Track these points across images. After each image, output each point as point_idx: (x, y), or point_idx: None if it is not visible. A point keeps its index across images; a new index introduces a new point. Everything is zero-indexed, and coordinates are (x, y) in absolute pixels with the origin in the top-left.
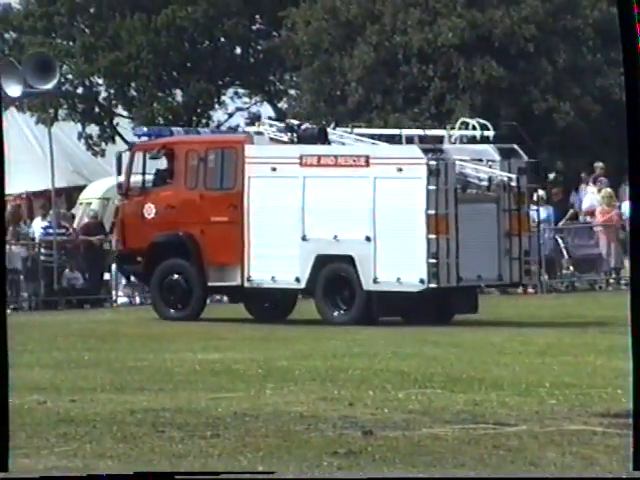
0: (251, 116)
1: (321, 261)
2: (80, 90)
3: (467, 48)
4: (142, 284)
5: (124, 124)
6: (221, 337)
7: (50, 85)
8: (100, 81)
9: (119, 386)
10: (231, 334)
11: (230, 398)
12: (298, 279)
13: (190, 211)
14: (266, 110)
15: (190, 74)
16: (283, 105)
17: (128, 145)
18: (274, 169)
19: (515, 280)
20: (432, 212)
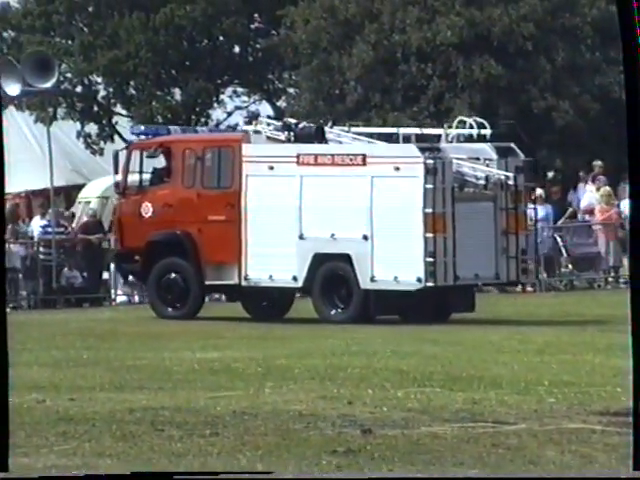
0: (250, 115)
1: (318, 260)
2: (79, 89)
3: (466, 47)
4: (140, 283)
5: (123, 123)
6: (220, 336)
7: (49, 84)
8: (99, 80)
9: (118, 385)
10: (230, 333)
11: (229, 397)
12: (295, 278)
13: (187, 210)
14: (265, 109)
15: (189, 73)
16: (282, 104)
17: (127, 144)
18: (271, 168)
19: (512, 279)
20: (429, 211)
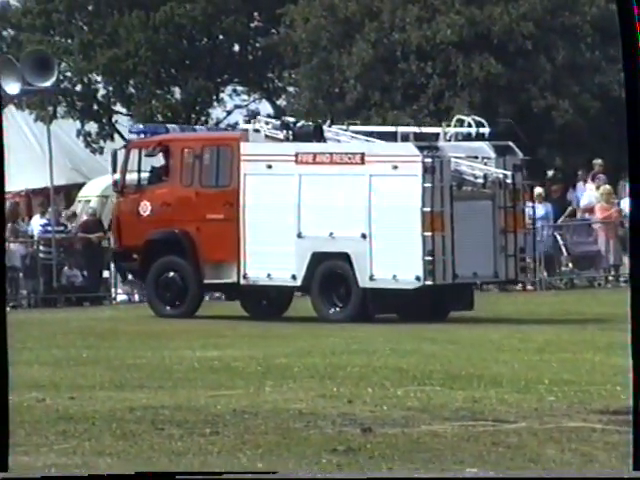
0: (250, 113)
1: (317, 258)
2: (79, 87)
3: (465, 45)
4: (138, 281)
5: (123, 121)
6: (220, 334)
7: (48, 83)
8: (99, 78)
9: (118, 384)
10: (230, 331)
11: (229, 395)
12: (294, 276)
13: (186, 208)
14: (265, 107)
15: (189, 71)
16: (282, 102)
17: (126, 142)
18: (270, 166)
19: (510, 277)
20: (428, 209)
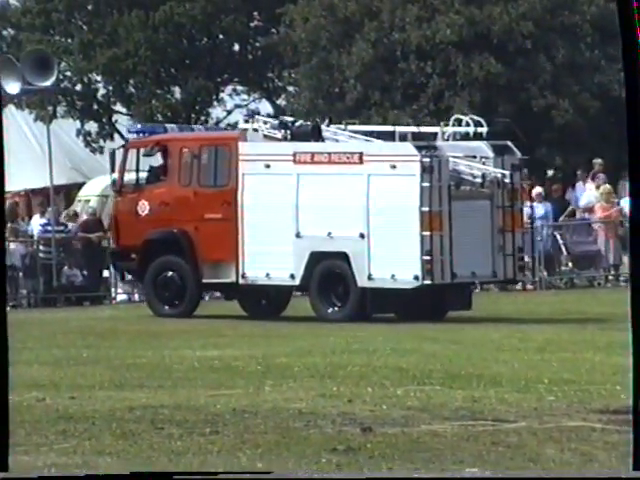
0: (250, 113)
1: (315, 258)
2: (78, 87)
3: (465, 45)
4: (137, 281)
5: (123, 121)
6: (220, 334)
7: (48, 82)
8: (98, 78)
9: (118, 383)
10: (230, 331)
11: (229, 395)
12: (292, 276)
13: (184, 208)
14: (265, 107)
15: (188, 71)
16: (282, 102)
17: (125, 142)
18: (268, 166)
19: (509, 276)
20: (426, 209)
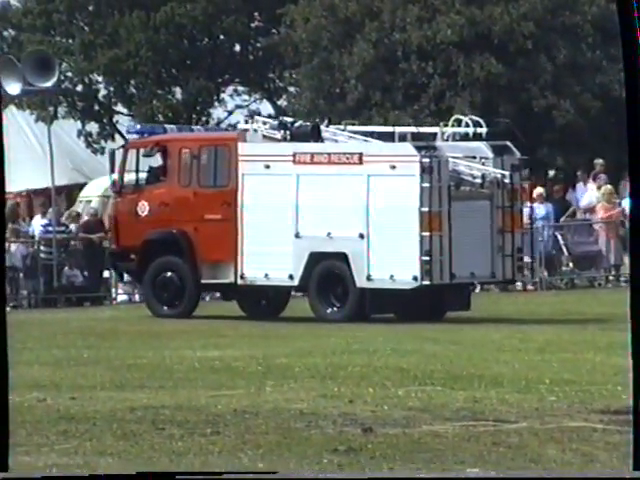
0: (251, 113)
1: (314, 258)
2: (79, 88)
3: (466, 45)
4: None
5: (124, 122)
6: (220, 334)
7: (49, 83)
8: (99, 79)
9: (119, 384)
10: (230, 331)
11: (230, 395)
12: (292, 276)
13: (183, 208)
14: (266, 107)
15: (189, 71)
16: (283, 102)
17: (126, 143)
18: (267, 166)
19: (508, 277)
20: (425, 209)
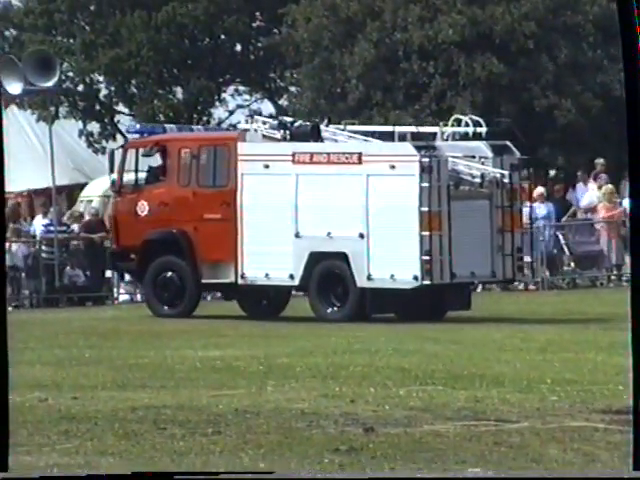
0: (252, 113)
1: (315, 258)
2: (81, 87)
3: (467, 45)
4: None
5: (125, 121)
6: (222, 334)
7: (51, 83)
8: (100, 78)
9: (120, 383)
10: (231, 331)
11: (231, 395)
12: (292, 276)
13: (183, 208)
14: (267, 107)
15: (190, 71)
16: (284, 102)
17: (124, 142)
18: (267, 166)
19: (508, 276)
20: (425, 209)
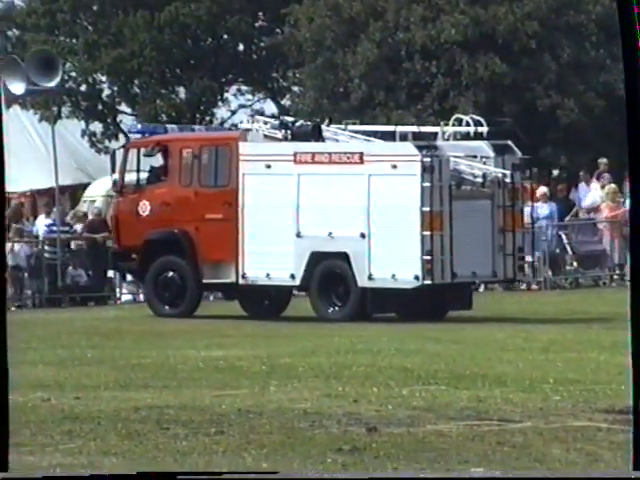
0: (254, 113)
1: (316, 258)
2: (83, 87)
3: (470, 45)
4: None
5: (128, 121)
6: (224, 334)
7: (53, 83)
8: (103, 78)
9: (123, 383)
10: (234, 331)
11: (234, 395)
12: (293, 276)
13: (184, 208)
14: (269, 107)
15: (193, 71)
16: (286, 102)
17: (125, 142)
18: (268, 166)
19: (509, 276)
20: (426, 209)
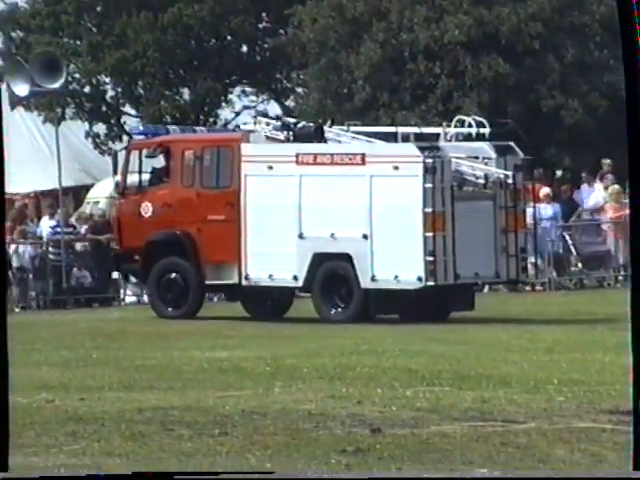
0: (258, 114)
1: (318, 259)
2: (87, 89)
3: (474, 45)
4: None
5: (131, 123)
6: (228, 335)
7: (57, 84)
8: (107, 80)
9: (127, 384)
10: (238, 332)
11: (238, 396)
12: (296, 277)
13: (187, 209)
14: (273, 108)
15: (197, 72)
16: (290, 103)
17: (127, 144)
18: (270, 167)
19: (512, 277)
20: (429, 210)
